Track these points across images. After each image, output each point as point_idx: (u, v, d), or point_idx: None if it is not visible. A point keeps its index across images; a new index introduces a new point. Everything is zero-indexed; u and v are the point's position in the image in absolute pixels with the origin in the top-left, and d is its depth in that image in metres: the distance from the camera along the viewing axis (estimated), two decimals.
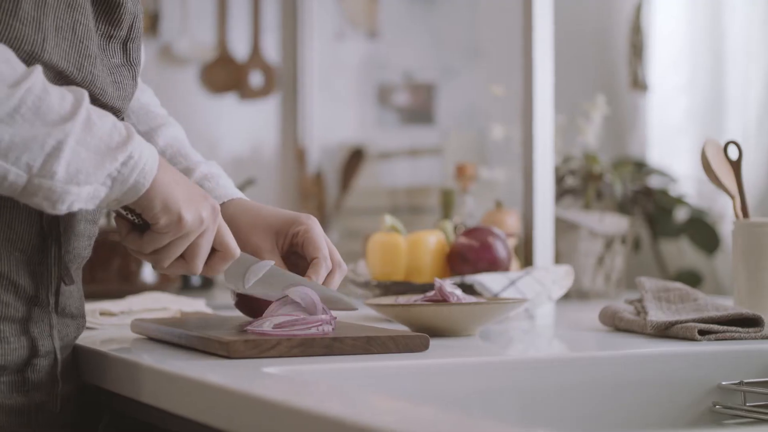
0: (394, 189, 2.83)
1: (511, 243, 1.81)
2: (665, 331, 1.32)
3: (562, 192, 2.24)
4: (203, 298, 1.80)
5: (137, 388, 1.14)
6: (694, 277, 2.38)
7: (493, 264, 1.65)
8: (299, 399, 0.89)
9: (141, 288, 1.91)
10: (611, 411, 1.17)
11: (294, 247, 1.26)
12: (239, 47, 3.13)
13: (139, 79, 1.37)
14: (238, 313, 1.36)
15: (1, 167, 1.00)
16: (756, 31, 2.32)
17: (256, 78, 3.13)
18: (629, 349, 1.25)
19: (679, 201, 2.40)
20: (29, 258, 1.13)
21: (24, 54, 1.07)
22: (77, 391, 1.24)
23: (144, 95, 1.39)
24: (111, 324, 1.53)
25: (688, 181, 2.44)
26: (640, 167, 2.46)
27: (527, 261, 1.89)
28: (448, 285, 1.38)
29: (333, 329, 1.21)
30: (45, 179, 1.02)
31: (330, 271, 1.24)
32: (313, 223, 1.25)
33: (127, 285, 1.92)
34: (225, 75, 3.10)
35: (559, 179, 2.22)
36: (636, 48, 2.53)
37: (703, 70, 2.44)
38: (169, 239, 1.12)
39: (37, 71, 1.03)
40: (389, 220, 1.73)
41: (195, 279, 2.23)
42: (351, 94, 3.26)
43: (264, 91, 3.14)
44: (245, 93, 3.12)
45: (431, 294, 1.38)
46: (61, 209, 1.04)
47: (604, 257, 2.15)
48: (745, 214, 1.49)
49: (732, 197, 1.50)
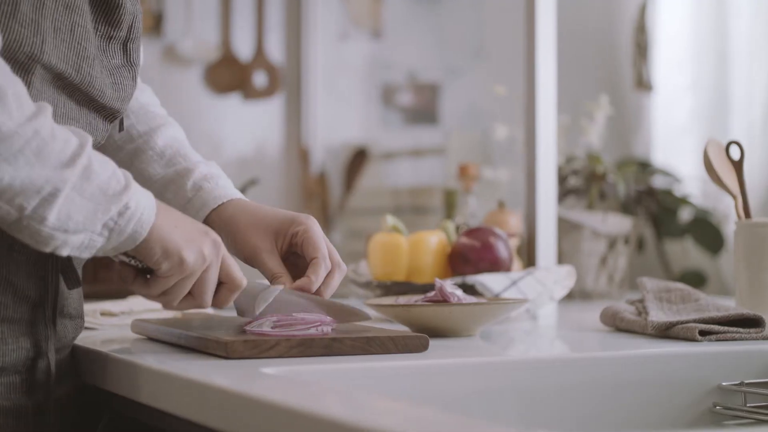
0: (397, 189, 2.82)
1: (513, 243, 1.81)
2: (666, 332, 1.32)
3: (565, 192, 2.24)
4: None
5: (136, 388, 1.14)
6: (698, 278, 2.38)
7: (495, 264, 1.65)
8: (298, 400, 0.89)
9: None
10: (611, 411, 1.17)
11: (293, 247, 1.26)
12: (243, 47, 3.12)
13: (139, 79, 1.37)
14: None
15: None
16: (760, 31, 2.32)
17: (259, 78, 3.13)
18: (629, 350, 1.25)
19: (684, 201, 2.40)
20: (28, 259, 1.13)
21: (23, 56, 1.07)
22: (76, 392, 1.24)
23: (143, 95, 1.38)
24: (111, 324, 1.53)
25: (692, 181, 2.43)
26: (644, 167, 2.46)
27: (530, 261, 1.89)
28: (448, 285, 1.37)
29: (332, 329, 1.21)
30: (34, 222, 1.02)
31: (329, 271, 1.24)
32: (312, 223, 1.25)
33: None
34: (229, 75, 3.10)
35: (562, 179, 2.22)
36: (641, 48, 2.53)
37: (708, 70, 2.44)
38: (175, 281, 1.12)
39: (47, 111, 1.03)
40: (391, 220, 1.73)
41: None
42: (355, 94, 3.25)
43: (268, 92, 3.14)
44: (249, 93, 3.12)
45: (432, 294, 1.37)
46: (46, 250, 1.04)
47: (607, 257, 2.14)
48: (747, 214, 1.48)
49: (734, 197, 1.49)
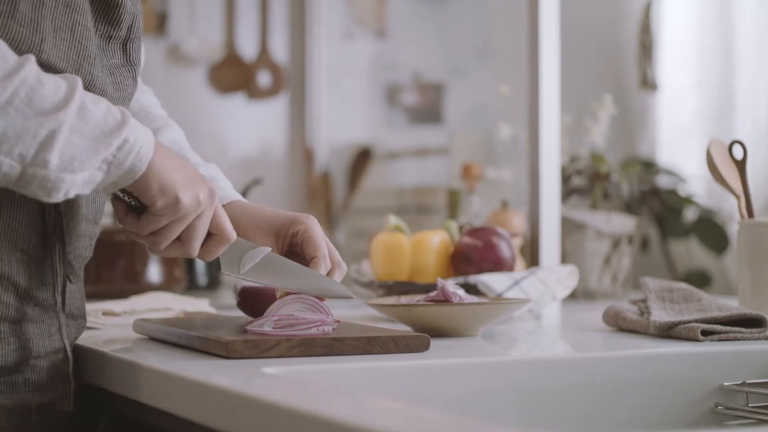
0: (401, 189, 2.82)
1: (516, 243, 1.81)
2: (668, 332, 1.31)
3: (568, 192, 2.23)
4: (207, 298, 1.80)
5: (136, 388, 1.13)
6: (703, 278, 2.37)
7: (497, 264, 1.65)
8: (298, 400, 0.88)
9: (146, 288, 1.91)
10: (612, 411, 1.17)
11: (294, 247, 1.26)
12: (247, 47, 3.12)
13: (139, 80, 1.37)
14: (241, 314, 1.36)
15: None
16: (766, 30, 2.31)
17: (264, 78, 3.13)
18: (631, 350, 1.24)
19: (689, 201, 2.39)
20: (30, 258, 1.13)
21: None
22: (77, 392, 1.24)
23: (144, 96, 1.38)
24: (114, 324, 1.53)
25: (697, 181, 2.43)
26: (649, 167, 2.45)
27: (533, 261, 1.88)
28: (450, 285, 1.37)
29: (333, 330, 1.21)
30: (39, 168, 1.02)
31: (329, 271, 1.24)
32: (312, 223, 1.25)
33: (133, 285, 1.92)
34: (233, 75, 3.10)
35: (566, 179, 2.21)
36: (645, 47, 2.52)
37: (713, 69, 2.43)
38: (167, 221, 1.12)
39: (30, 61, 1.03)
40: (393, 220, 1.73)
41: (201, 279, 2.23)
42: (359, 94, 3.25)
43: (272, 91, 3.14)
44: (253, 93, 3.12)
45: (434, 294, 1.37)
46: (57, 197, 1.04)
47: (610, 257, 2.14)
48: (750, 213, 1.48)
49: (737, 197, 1.49)
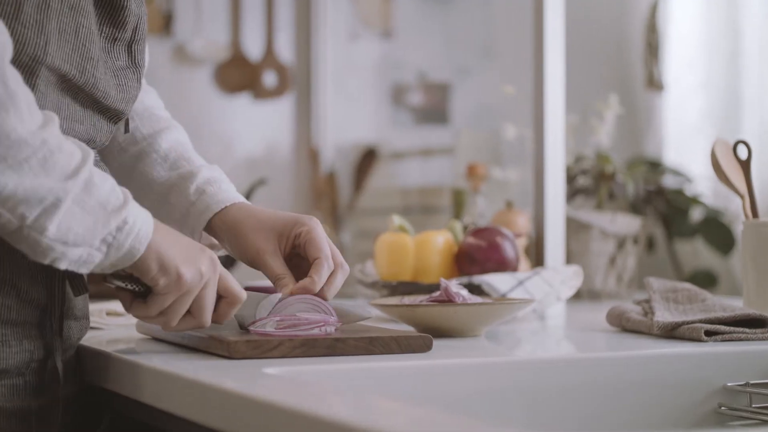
0: (407, 189, 2.82)
1: (521, 243, 1.80)
2: (672, 332, 1.31)
3: (574, 192, 2.23)
4: None
5: (138, 388, 1.13)
6: (709, 278, 2.37)
7: (501, 264, 1.64)
8: (300, 400, 0.88)
9: None
10: (615, 412, 1.17)
11: (296, 249, 1.26)
12: (253, 47, 3.12)
13: (144, 81, 1.37)
14: None
15: None
16: None
17: (269, 78, 3.13)
18: (634, 350, 1.24)
19: (695, 201, 2.39)
20: (32, 262, 1.13)
21: (26, 58, 1.07)
22: (79, 392, 1.24)
23: (148, 98, 1.38)
24: (117, 324, 1.53)
25: (704, 181, 2.42)
26: (655, 167, 2.45)
27: (538, 261, 1.88)
28: (453, 285, 1.37)
29: (336, 330, 1.21)
30: (34, 232, 1.02)
31: (332, 272, 1.24)
32: (315, 224, 1.25)
33: None
34: (239, 75, 3.10)
35: (571, 179, 2.21)
36: (652, 47, 2.52)
37: (720, 69, 2.43)
38: (172, 299, 1.12)
39: (55, 121, 1.03)
40: (397, 220, 1.73)
41: None
42: (365, 94, 3.25)
43: (278, 91, 3.14)
44: (259, 93, 3.12)
45: (437, 294, 1.37)
46: (44, 262, 1.05)
47: (616, 257, 2.14)
48: (755, 214, 1.47)
49: (741, 197, 1.48)
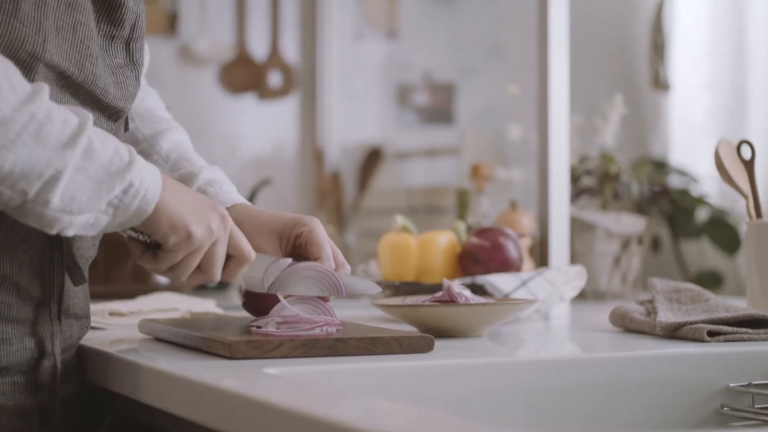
0: (411, 189, 2.81)
1: (525, 243, 1.80)
2: (674, 332, 1.31)
3: (578, 192, 2.23)
4: (214, 298, 1.80)
5: (139, 388, 1.13)
6: (715, 278, 2.36)
7: (505, 264, 1.64)
8: (301, 401, 0.88)
9: (155, 288, 1.91)
10: (617, 412, 1.16)
11: (297, 249, 1.26)
12: (258, 47, 3.12)
13: (145, 81, 1.37)
14: (247, 314, 1.35)
15: None
16: None
17: (274, 78, 3.13)
18: (637, 350, 1.24)
19: (700, 201, 2.38)
20: (32, 259, 1.13)
21: (25, 54, 1.07)
22: (80, 392, 1.24)
23: (149, 98, 1.38)
24: (120, 324, 1.52)
25: (709, 181, 2.41)
26: (660, 167, 2.44)
27: (542, 261, 1.87)
28: (456, 285, 1.37)
29: (337, 330, 1.20)
30: (38, 206, 1.02)
31: None
32: (316, 225, 1.25)
33: (141, 285, 1.92)
34: (244, 75, 3.10)
35: (576, 179, 2.20)
36: (657, 47, 2.51)
37: (725, 69, 2.42)
38: (183, 255, 1.12)
39: (43, 92, 1.02)
40: (400, 220, 1.72)
41: None
42: (370, 94, 3.25)
43: (283, 91, 3.14)
44: (264, 93, 3.12)
45: (439, 294, 1.37)
46: (52, 232, 1.05)
47: (620, 258, 2.13)
48: (759, 214, 1.47)
49: (745, 197, 1.48)
